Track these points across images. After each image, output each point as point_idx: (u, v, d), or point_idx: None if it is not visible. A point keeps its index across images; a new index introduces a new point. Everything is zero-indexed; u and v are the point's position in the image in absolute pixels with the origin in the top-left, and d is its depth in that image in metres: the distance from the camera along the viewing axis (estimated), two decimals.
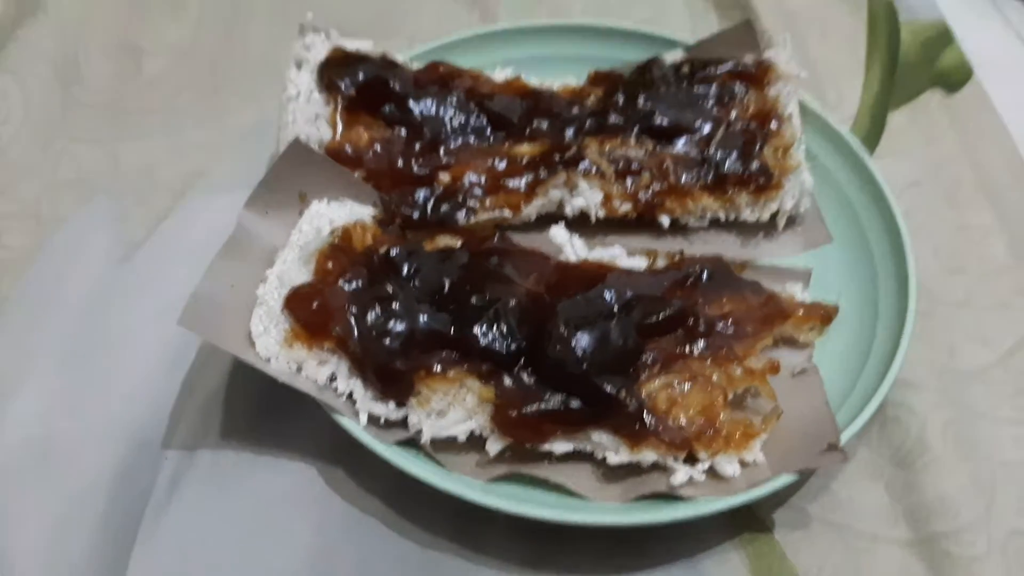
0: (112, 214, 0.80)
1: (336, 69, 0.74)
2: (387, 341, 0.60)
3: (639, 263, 0.70)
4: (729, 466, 0.59)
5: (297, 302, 0.61)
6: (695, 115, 0.76)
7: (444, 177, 0.73)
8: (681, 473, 0.59)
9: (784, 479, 0.58)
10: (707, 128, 0.75)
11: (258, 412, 0.67)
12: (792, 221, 0.76)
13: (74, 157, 0.85)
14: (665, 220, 0.74)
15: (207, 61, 0.94)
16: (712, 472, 0.60)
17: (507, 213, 0.73)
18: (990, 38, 1.04)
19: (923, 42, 1.00)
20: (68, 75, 0.92)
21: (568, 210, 0.74)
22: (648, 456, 0.59)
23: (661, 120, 0.75)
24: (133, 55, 0.94)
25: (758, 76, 0.77)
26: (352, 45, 0.77)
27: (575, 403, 0.59)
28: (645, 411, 0.59)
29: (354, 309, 0.61)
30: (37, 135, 0.86)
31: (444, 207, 0.72)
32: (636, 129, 0.75)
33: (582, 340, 0.60)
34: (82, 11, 0.98)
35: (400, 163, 0.73)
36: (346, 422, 0.60)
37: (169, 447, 0.66)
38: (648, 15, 1.02)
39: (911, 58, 0.98)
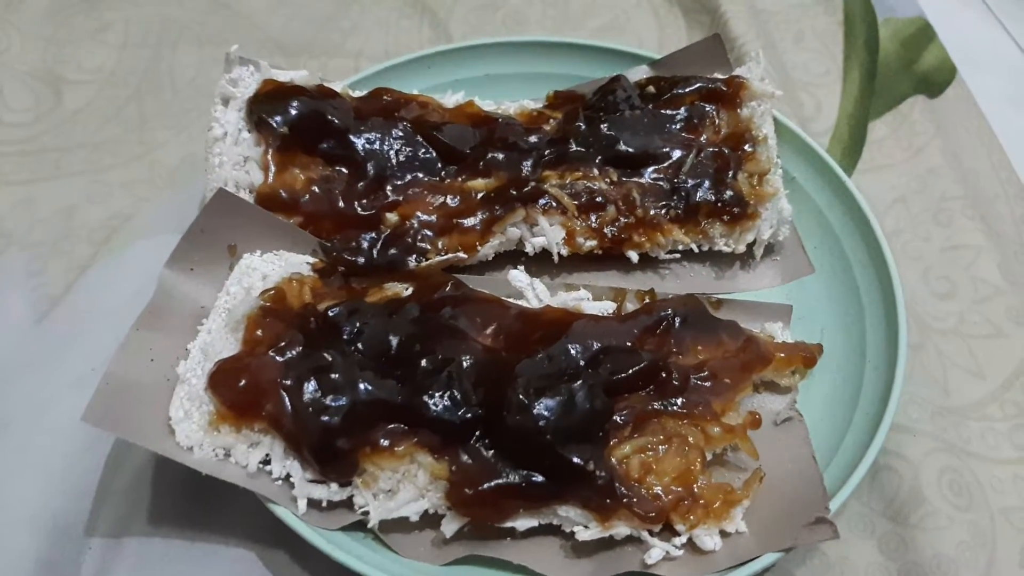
0: (28, 267, 0.73)
1: (267, 105, 0.67)
2: (325, 416, 0.54)
3: (607, 307, 0.63)
4: (709, 539, 0.54)
5: (222, 379, 0.55)
6: (662, 141, 0.69)
7: (391, 218, 0.67)
8: (656, 550, 0.54)
9: (770, 558, 0.53)
10: (676, 154, 0.69)
11: (190, 492, 0.61)
12: (770, 250, 0.71)
13: None
14: (634, 255, 0.68)
15: (133, 90, 0.87)
16: (691, 545, 0.54)
17: (462, 254, 0.66)
18: (973, 30, 0.99)
19: (903, 41, 0.94)
20: None
21: (528, 248, 0.68)
22: (621, 530, 0.54)
23: (626, 148, 0.69)
24: (53, 85, 0.87)
25: (730, 95, 0.71)
26: (284, 76, 0.70)
27: (538, 476, 0.53)
28: (616, 481, 0.54)
29: (288, 382, 0.54)
30: None
31: (392, 251, 0.66)
32: (599, 159, 0.69)
33: (544, 406, 0.54)
34: None
35: (341, 205, 0.66)
36: (282, 512, 0.54)
37: (93, 534, 0.60)
38: (611, 21, 0.96)
39: (891, 59, 0.92)
